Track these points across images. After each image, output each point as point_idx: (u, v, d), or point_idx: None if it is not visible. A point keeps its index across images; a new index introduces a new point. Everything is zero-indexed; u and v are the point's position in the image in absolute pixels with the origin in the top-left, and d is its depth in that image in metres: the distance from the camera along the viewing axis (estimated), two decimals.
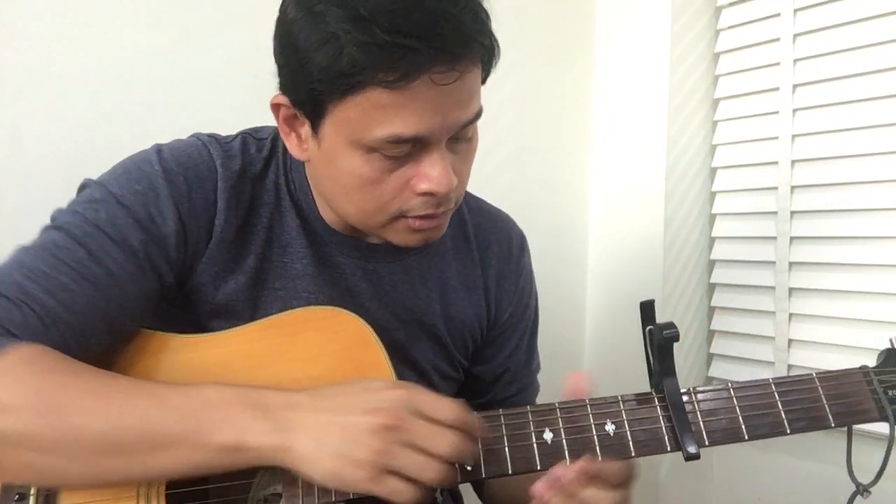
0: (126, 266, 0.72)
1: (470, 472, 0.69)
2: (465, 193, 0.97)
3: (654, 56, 1.61)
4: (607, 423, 0.72)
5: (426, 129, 0.68)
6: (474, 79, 0.72)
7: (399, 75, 0.65)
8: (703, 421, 0.72)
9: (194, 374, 0.76)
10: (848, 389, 0.74)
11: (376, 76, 0.65)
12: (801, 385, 0.74)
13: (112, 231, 0.72)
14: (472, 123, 0.74)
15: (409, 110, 0.67)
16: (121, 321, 0.74)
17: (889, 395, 0.73)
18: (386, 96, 0.66)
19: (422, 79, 0.65)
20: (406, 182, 0.72)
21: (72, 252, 0.70)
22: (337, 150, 0.72)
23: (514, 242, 0.97)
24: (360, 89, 0.66)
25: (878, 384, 0.73)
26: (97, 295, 0.71)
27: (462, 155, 0.76)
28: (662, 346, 0.72)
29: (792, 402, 0.73)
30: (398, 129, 0.68)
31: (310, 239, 0.84)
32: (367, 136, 0.69)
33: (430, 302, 0.89)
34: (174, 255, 0.76)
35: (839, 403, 0.73)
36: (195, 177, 0.78)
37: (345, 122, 0.69)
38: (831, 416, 0.73)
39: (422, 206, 0.74)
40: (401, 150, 0.70)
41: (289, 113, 0.75)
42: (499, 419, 0.72)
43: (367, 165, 0.71)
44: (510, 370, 0.96)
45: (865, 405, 0.73)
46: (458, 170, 0.74)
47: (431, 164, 0.71)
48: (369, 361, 0.77)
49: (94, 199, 0.74)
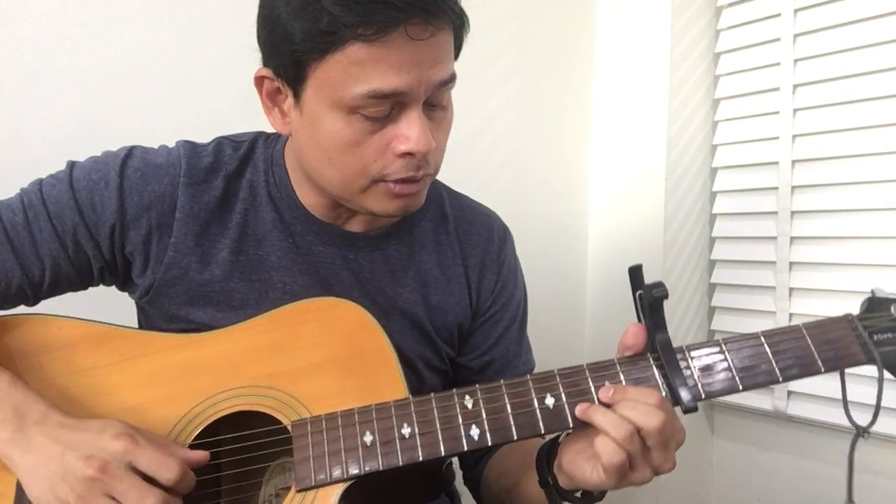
0: (50, 241, 0.80)
1: (476, 440, 0.72)
2: (449, 189, 0.99)
3: (654, 56, 1.61)
4: (605, 384, 0.74)
5: (404, 84, 0.71)
6: (447, 41, 0.75)
7: (376, 28, 0.68)
8: (698, 376, 0.74)
9: (199, 370, 0.78)
10: (834, 336, 0.76)
11: (355, 31, 0.69)
12: (790, 335, 0.76)
13: (53, 208, 0.80)
14: (448, 86, 0.77)
15: (387, 64, 0.70)
16: (31, 285, 0.81)
17: (875, 339, 0.75)
18: (364, 51, 0.70)
19: (398, 32, 0.69)
20: (386, 144, 0.75)
21: (14, 216, 0.80)
22: (319, 113, 0.75)
23: (496, 233, 0.98)
24: (339, 46, 0.70)
25: (863, 329, 0.75)
26: (14, 257, 0.80)
27: (438, 123, 0.79)
28: (653, 305, 0.74)
29: (782, 351, 0.75)
30: (377, 83, 0.71)
31: (287, 231, 0.86)
32: (348, 94, 0.72)
33: (412, 291, 0.90)
34: (105, 243, 0.82)
35: (827, 350, 0.75)
36: (154, 172, 0.83)
37: (326, 82, 0.73)
38: (820, 362, 0.74)
39: (402, 168, 0.76)
40: (380, 110, 0.73)
41: (271, 86, 0.79)
42: (500, 389, 0.74)
43: (349, 127, 0.74)
44: (496, 360, 0.97)
45: (852, 350, 0.75)
46: (435, 136, 0.77)
47: (409, 124, 0.74)
48: (372, 346, 0.79)
49: (57, 177, 0.82)
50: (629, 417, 0.69)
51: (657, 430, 0.68)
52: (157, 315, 0.86)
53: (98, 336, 0.79)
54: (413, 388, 0.78)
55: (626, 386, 0.73)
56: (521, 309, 1.00)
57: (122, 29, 1.19)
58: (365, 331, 0.79)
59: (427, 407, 0.74)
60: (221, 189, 0.85)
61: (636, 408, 0.69)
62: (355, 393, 0.76)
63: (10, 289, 0.81)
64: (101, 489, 0.66)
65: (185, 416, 0.76)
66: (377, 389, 0.76)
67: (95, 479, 0.66)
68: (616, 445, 0.68)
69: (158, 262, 0.83)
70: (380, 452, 0.72)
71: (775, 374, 0.74)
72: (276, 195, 0.87)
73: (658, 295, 0.73)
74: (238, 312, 0.83)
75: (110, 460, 0.67)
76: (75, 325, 0.80)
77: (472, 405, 0.73)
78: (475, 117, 1.56)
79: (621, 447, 0.68)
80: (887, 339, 0.75)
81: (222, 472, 0.81)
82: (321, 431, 0.73)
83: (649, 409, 0.69)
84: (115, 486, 0.67)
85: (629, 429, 0.68)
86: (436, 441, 0.72)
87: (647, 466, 0.70)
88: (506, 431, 0.72)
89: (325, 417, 0.74)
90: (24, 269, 0.80)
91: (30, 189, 0.82)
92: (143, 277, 0.84)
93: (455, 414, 0.73)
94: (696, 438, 1.66)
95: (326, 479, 0.71)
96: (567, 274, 1.75)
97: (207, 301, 0.84)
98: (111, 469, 0.67)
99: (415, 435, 0.72)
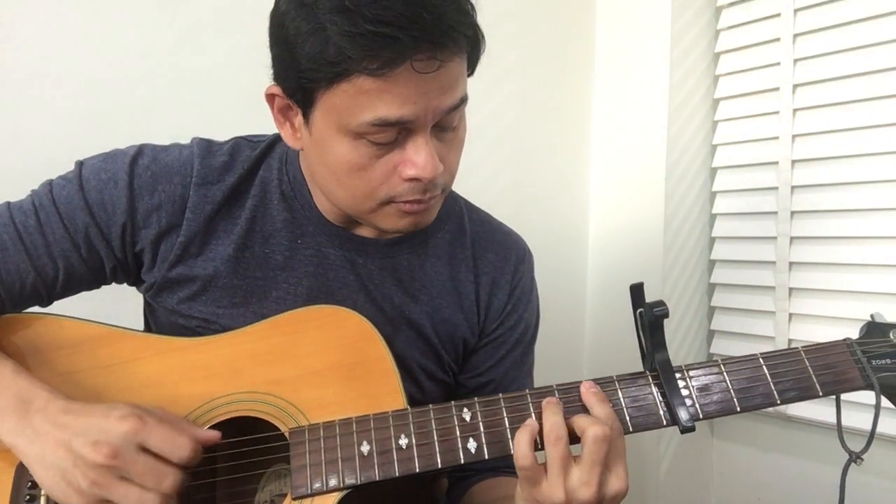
0: (63, 242, 0.80)
1: (473, 454, 0.72)
2: (470, 205, 0.97)
3: (654, 56, 1.61)
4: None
5: (409, 113, 0.71)
6: (457, 67, 0.73)
7: (381, 63, 0.67)
8: (696, 395, 0.74)
9: (200, 374, 0.78)
10: (833, 360, 0.76)
11: (361, 64, 0.68)
12: (789, 358, 0.76)
13: (64, 209, 0.80)
14: (456, 110, 0.75)
15: (393, 95, 0.69)
16: (46, 285, 0.82)
17: (873, 365, 0.76)
18: (370, 83, 0.69)
19: (404, 66, 0.68)
20: (393, 168, 0.74)
21: (26, 218, 0.80)
22: (326, 137, 0.75)
23: (513, 254, 0.96)
24: (346, 77, 0.69)
25: (862, 354, 0.76)
26: (27, 259, 0.80)
27: (448, 143, 0.77)
28: (653, 324, 0.74)
29: (780, 374, 0.75)
30: (382, 112, 0.70)
31: (297, 232, 0.86)
32: (354, 121, 0.71)
33: (420, 302, 0.90)
34: (116, 242, 0.82)
35: (825, 374, 0.75)
36: (164, 172, 0.82)
37: (333, 109, 0.72)
38: (819, 386, 0.75)
39: (409, 191, 0.75)
40: (386, 136, 0.72)
41: (282, 103, 0.78)
42: (499, 402, 0.74)
43: (355, 151, 0.74)
44: (494, 381, 0.95)
45: (850, 374, 0.76)
46: (444, 157, 0.76)
47: (416, 150, 0.73)
48: (372, 355, 0.79)
49: (67, 178, 0.82)
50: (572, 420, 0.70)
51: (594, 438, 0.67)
52: (161, 310, 0.86)
53: (100, 337, 0.79)
54: (413, 398, 0.78)
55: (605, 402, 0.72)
56: (530, 334, 0.99)
57: (122, 29, 1.19)
58: (366, 340, 0.79)
59: (425, 418, 0.73)
60: (233, 187, 0.85)
61: (585, 417, 0.70)
62: (354, 402, 0.76)
63: (25, 290, 0.81)
64: (115, 474, 0.66)
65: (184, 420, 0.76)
66: (376, 399, 0.76)
67: (107, 465, 0.65)
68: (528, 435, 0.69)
69: (165, 260, 0.83)
70: (377, 463, 0.72)
71: (773, 397, 0.75)
72: (290, 194, 0.86)
73: (658, 314, 0.74)
74: (240, 310, 0.84)
75: (120, 444, 0.66)
76: (77, 325, 0.80)
77: (471, 418, 0.73)
78: (475, 117, 1.56)
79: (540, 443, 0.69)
80: (885, 364, 0.76)
81: (218, 476, 0.81)
82: (318, 440, 0.73)
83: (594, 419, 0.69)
84: (130, 469, 0.66)
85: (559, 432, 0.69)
86: (433, 453, 0.72)
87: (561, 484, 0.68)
88: (503, 445, 0.72)
89: (323, 426, 0.74)
90: (37, 271, 0.80)
91: (40, 190, 0.82)
92: (150, 274, 0.84)
93: (453, 426, 0.73)
94: (696, 438, 1.66)
95: (322, 488, 0.71)
96: (567, 274, 1.75)
97: (210, 297, 0.84)
98: (122, 453, 0.66)
99: (412, 446, 0.72)
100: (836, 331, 1.36)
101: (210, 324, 0.83)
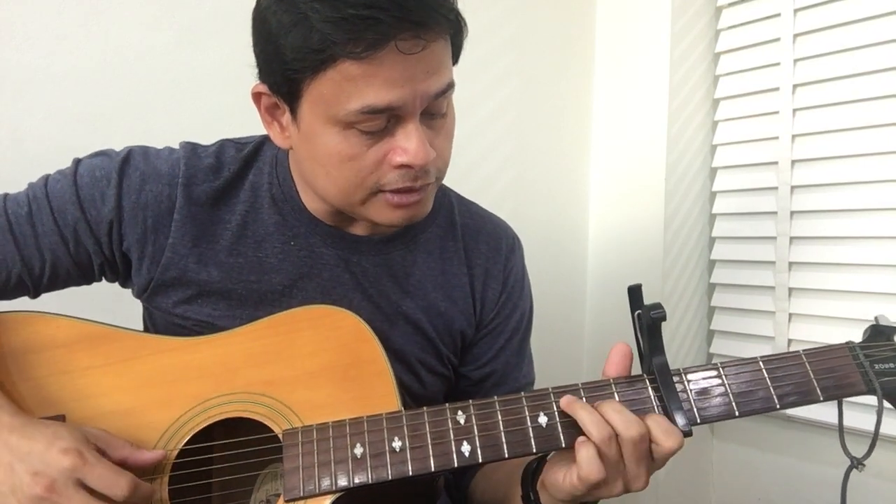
0: (51, 235, 0.82)
1: (467, 457, 0.71)
2: (460, 197, 0.97)
3: (654, 56, 1.61)
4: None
5: (398, 98, 0.70)
6: (442, 50, 0.73)
7: (366, 45, 0.67)
8: (694, 399, 0.73)
9: (194, 375, 0.78)
10: (834, 364, 0.75)
11: (345, 48, 0.68)
12: (789, 361, 0.75)
13: (56, 203, 0.82)
14: (444, 95, 0.75)
15: (380, 80, 0.69)
16: (31, 276, 0.83)
17: (876, 369, 0.74)
18: (356, 68, 0.69)
19: (388, 47, 0.68)
20: (383, 156, 0.74)
21: (19, 208, 0.82)
22: (315, 129, 0.74)
23: (504, 243, 0.97)
24: (331, 63, 0.69)
25: (864, 358, 0.74)
26: (15, 249, 0.81)
27: (437, 130, 0.77)
28: (651, 327, 0.73)
29: (780, 378, 0.74)
30: (370, 99, 0.70)
31: (288, 234, 0.86)
32: (342, 110, 0.71)
33: (415, 297, 0.90)
34: (104, 239, 0.83)
35: (827, 378, 0.74)
36: (153, 172, 0.83)
37: (320, 99, 0.72)
38: (819, 391, 0.73)
39: (399, 179, 0.75)
40: (376, 124, 0.72)
41: (269, 101, 0.78)
42: (493, 405, 0.74)
43: (345, 142, 0.73)
44: (496, 372, 0.96)
45: (852, 379, 0.74)
46: (435, 144, 0.76)
47: (406, 136, 0.73)
48: (367, 356, 0.78)
49: (63, 173, 0.84)
50: (611, 420, 0.69)
51: (633, 439, 0.68)
52: (158, 313, 0.87)
53: (95, 336, 0.79)
54: (413, 392, 0.78)
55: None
56: (526, 321, 0.99)
57: (122, 29, 1.20)
58: (360, 341, 0.79)
59: (419, 421, 0.73)
60: (221, 189, 0.85)
61: (622, 412, 0.69)
62: (348, 404, 0.76)
63: (11, 279, 0.82)
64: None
65: (178, 420, 0.76)
66: (370, 401, 0.76)
67: (43, 497, 0.65)
68: (594, 449, 0.68)
69: (155, 263, 0.83)
70: (369, 465, 0.71)
71: (773, 401, 0.73)
72: (280, 197, 0.86)
73: (656, 317, 0.72)
74: (236, 312, 0.84)
75: (58, 478, 0.66)
76: (73, 324, 0.80)
77: (465, 421, 0.73)
78: (475, 117, 1.57)
79: (599, 450, 0.68)
80: (888, 369, 0.74)
81: (213, 477, 0.81)
82: (312, 442, 0.73)
83: (632, 417, 0.69)
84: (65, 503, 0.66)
85: (608, 431, 0.68)
86: (426, 456, 0.71)
87: (620, 478, 0.69)
88: (497, 449, 0.72)
89: (317, 428, 0.74)
90: (24, 261, 0.81)
91: (36, 183, 0.84)
92: (140, 276, 0.85)
93: (447, 429, 0.72)
94: (696, 439, 1.65)
95: (315, 490, 0.71)
96: (567, 274, 1.75)
97: (206, 301, 0.84)
98: (59, 487, 0.66)
99: (405, 449, 0.72)
100: (835, 331, 1.38)
101: (207, 325, 0.83)
